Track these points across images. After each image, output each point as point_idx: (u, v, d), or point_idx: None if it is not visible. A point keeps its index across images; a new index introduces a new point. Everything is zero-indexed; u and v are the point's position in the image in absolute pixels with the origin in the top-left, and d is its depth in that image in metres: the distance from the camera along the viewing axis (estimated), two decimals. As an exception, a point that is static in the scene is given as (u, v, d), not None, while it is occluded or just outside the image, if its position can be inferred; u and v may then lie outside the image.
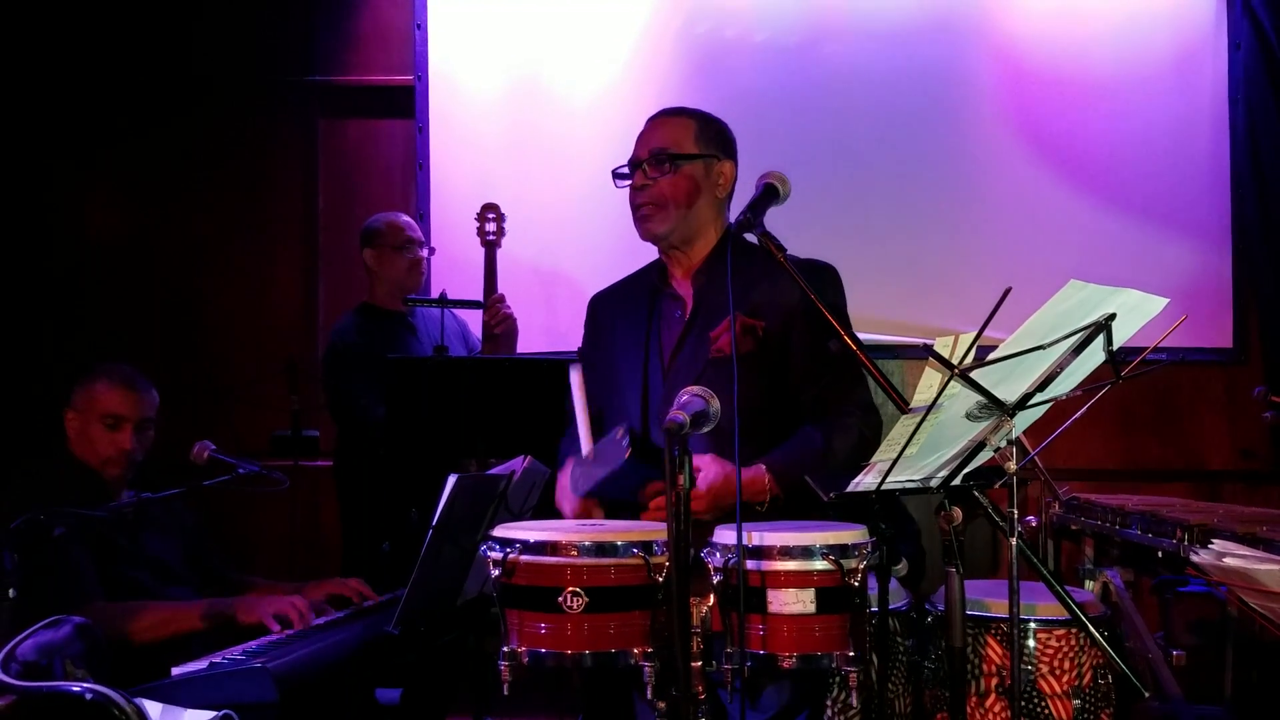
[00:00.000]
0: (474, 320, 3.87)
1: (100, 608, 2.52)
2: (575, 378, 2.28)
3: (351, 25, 4.66)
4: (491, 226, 3.78)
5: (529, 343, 4.21)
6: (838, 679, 2.28)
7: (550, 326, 4.37)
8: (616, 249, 2.54)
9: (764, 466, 2.21)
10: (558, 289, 4.39)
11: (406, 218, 3.88)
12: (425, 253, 3.88)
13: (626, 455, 2.08)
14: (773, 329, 2.31)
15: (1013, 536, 1.85)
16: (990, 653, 2.36)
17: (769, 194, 2.14)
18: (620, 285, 2.55)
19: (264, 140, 4.65)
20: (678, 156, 2.36)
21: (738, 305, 2.17)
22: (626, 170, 2.41)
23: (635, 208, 2.40)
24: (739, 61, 4.43)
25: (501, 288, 3.73)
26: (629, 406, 2.38)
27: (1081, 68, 4.29)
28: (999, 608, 2.37)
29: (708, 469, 2.14)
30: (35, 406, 3.04)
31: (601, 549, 1.87)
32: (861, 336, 2.15)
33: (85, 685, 1.88)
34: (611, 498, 2.23)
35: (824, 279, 2.33)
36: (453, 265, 4.27)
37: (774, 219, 2.14)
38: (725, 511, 2.09)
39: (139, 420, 2.81)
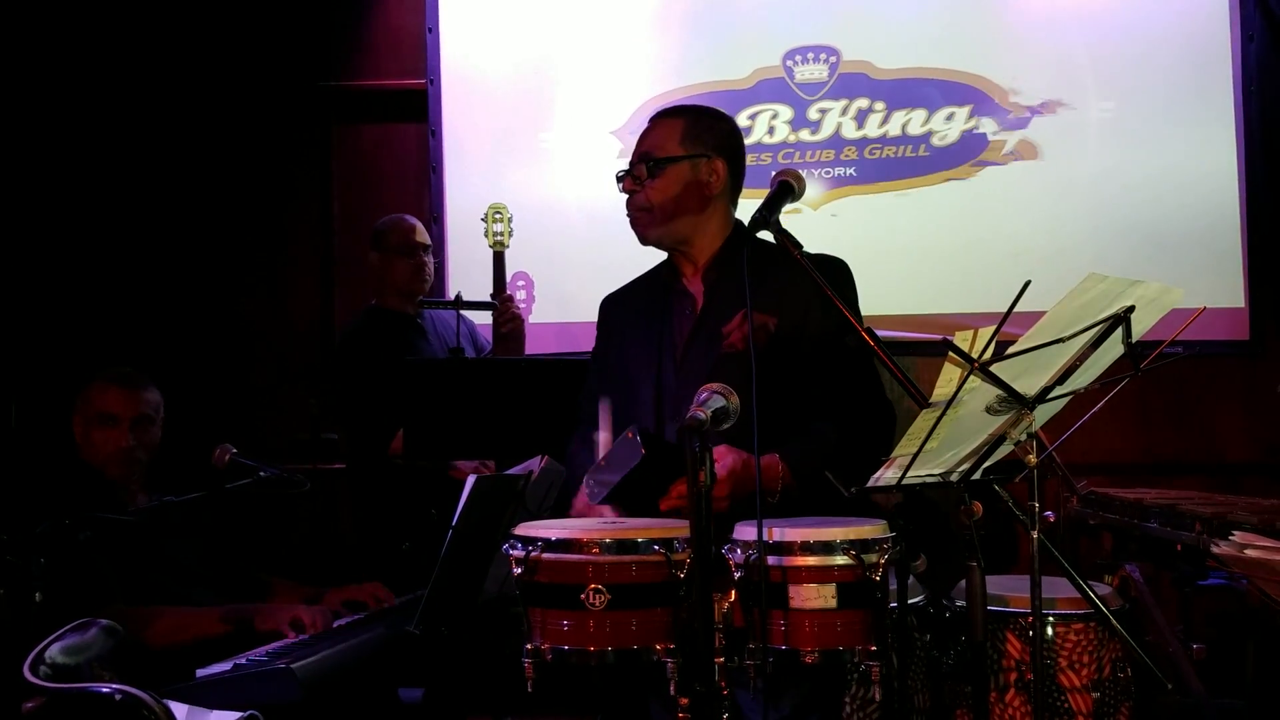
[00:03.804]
0: (480, 321, 3.88)
1: (119, 612, 2.54)
2: (604, 410, 2.28)
3: (363, 30, 4.68)
4: (499, 228, 3.79)
5: (543, 344, 4.22)
6: (856, 676, 2.29)
7: (563, 328, 4.38)
8: (629, 251, 2.53)
9: (778, 456, 2.22)
10: (571, 291, 4.39)
11: (414, 221, 3.86)
12: (431, 258, 3.87)
13: (641, 456, 2.07)
14: (784, 325, 2.31)
15: (1034, 530, 1.85)
16: (1009, 647, 2.36)
17: (784, 191, 2.13)
18: (632, 286, 2.56)
19: (278, 145, 4.67)
20: (660, 161, 2.36)
21: (748, 298, 2.18)
22: (622, 174, 2.42)
23: (628, 213, 2.42)
24: (751, 55, 4.43)
25: (514, 290, 3.73)
26: (642, 402, 2.38)
27: (1094, 60, 4.28)
28: (1018, 602, 2.37)
29: (724, 457, 2.14)
30: (51, 415, 3.05)
31: (623, 546, 1.88)
32: (879, 333, 2.15)
33: (114, 686, 1.89)
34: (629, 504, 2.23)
35: (836, 274, 2.34)
36: (467, 267, 4.28)
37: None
38: (744, 499, 2.09)
39: (134, 418, 2.82)
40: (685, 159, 2.36)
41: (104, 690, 1.90)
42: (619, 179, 2.42)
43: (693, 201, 2.37)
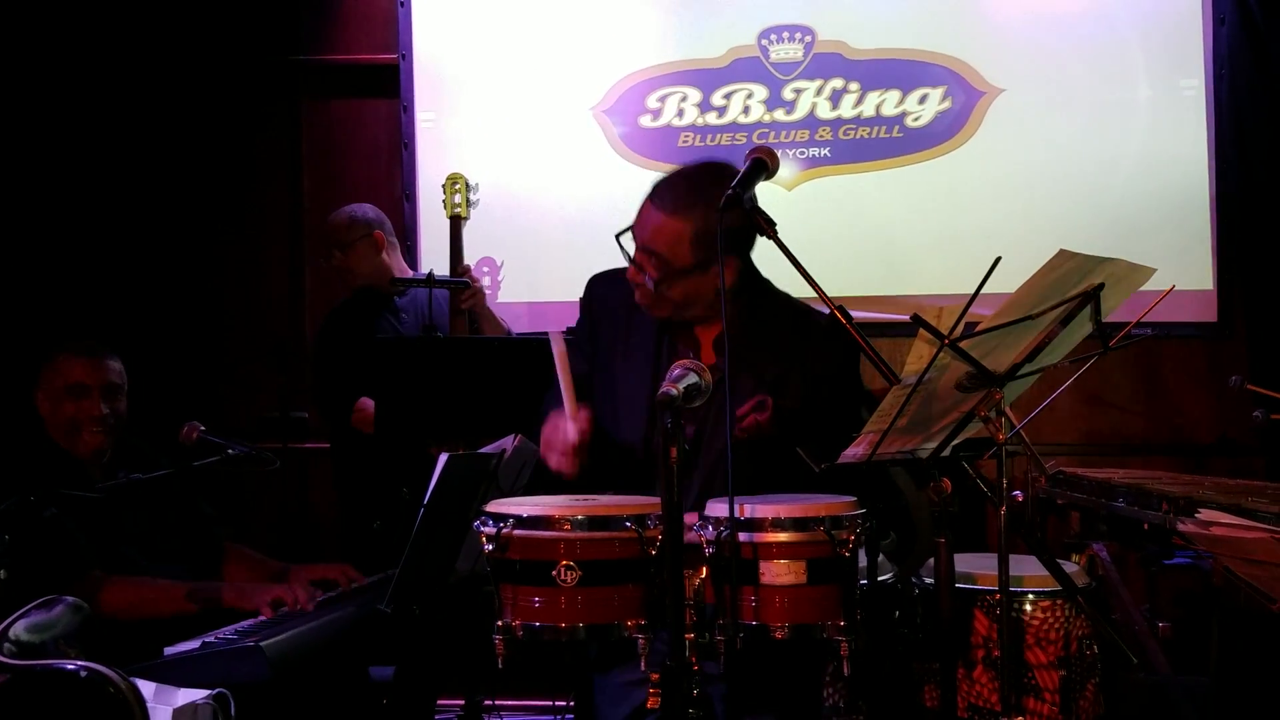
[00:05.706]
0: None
1: (99, 578, 2.52)
2: (558, 348, 2.25)
3: (334, 4, 4.62)
4: (458, 199, 3.74)
5: (515, 323, 4.20)
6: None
7: (535, 307, 4.37)
8: (604, 231, 2.49)
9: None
10: (544, 270, 4.38)
11: (340, 218, 3.77)
12: (376, 227, 3.79)
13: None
14: (795, 406, 2.21)
15: (1002, 506, 1.87)
16: (977, 624, 2.38)
17: (757, 168, 2.11)
18: (624, 278, 2.35)
19: (247, 121, 4.62)
20: (673, 273, 2.22)
21: (762, 375, 2.19)
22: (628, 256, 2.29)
23: (635, 294, 2.29)
24: (726, 34, 4.41)
25: (479, 274, 3.68)
26: (633, 432, 2.29)
27: (1065, 41, 4.29)
28: (986, 580, 2.39)
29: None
30: (13, 396, 2.99)
31: (595, 523, 1.88)
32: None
33: (80, 664, 1.88)
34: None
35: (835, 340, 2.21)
36: (440, 245, 4.24)
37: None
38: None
39: (103, 385, 2.80)
40: (697, 268, 2.22)
41: (70, 668, 1.89)
42: (625, 258, 2.28)
43: (707, 295, 2.24)
